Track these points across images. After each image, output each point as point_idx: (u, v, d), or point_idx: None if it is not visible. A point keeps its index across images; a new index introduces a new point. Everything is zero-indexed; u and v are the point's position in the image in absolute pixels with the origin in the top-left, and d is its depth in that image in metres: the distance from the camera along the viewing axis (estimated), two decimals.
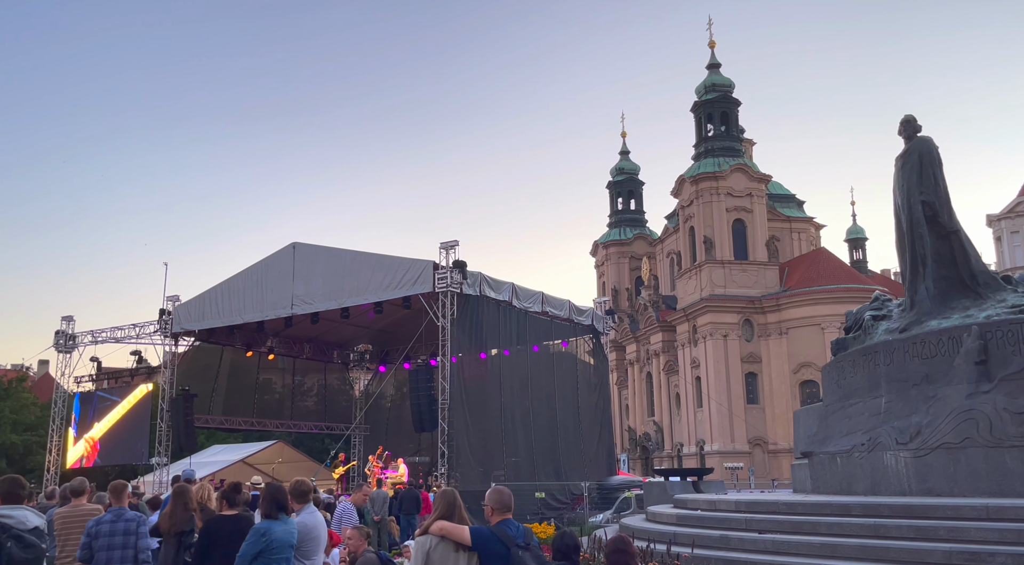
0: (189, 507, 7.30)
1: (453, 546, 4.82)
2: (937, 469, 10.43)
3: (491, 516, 5.05)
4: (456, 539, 4.81)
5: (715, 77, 62.38)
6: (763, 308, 56.16)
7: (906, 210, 12.43)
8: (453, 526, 4.86)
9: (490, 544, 4.81)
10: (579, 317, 28.31)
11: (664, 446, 62.86)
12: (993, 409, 9.88)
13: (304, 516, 6.22)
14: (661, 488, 18.32)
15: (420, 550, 4.89)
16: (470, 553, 4.82)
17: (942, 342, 10.93)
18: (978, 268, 12.21)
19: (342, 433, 29.92)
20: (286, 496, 5.83)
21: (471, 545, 4.81)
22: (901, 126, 12.73)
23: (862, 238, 68.83)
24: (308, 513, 6.30)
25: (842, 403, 12.66)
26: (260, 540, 5.48)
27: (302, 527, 6.07)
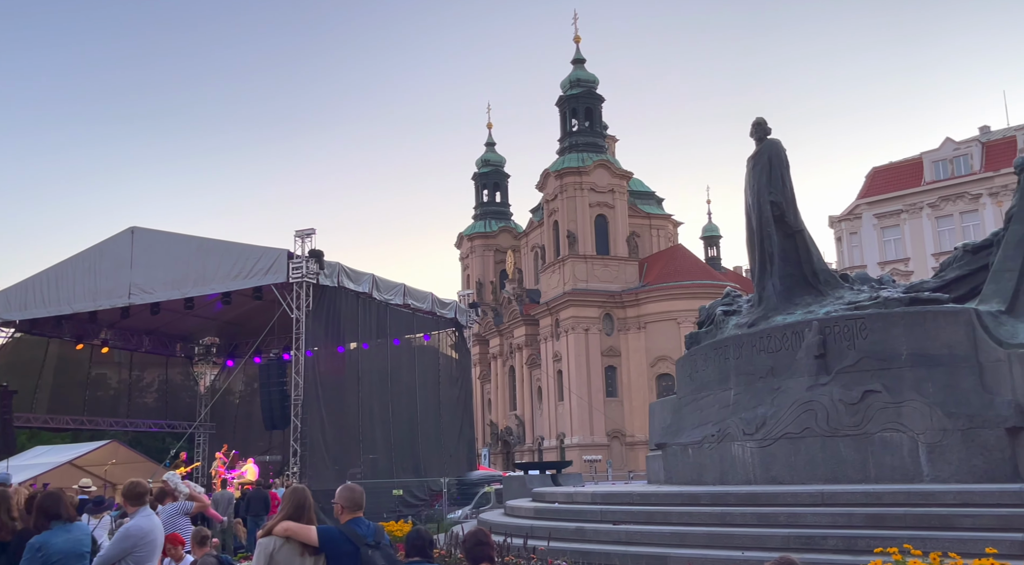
0: (12, 515, 6.67)
1: (299, 548, 4.67)
2: (780, 458, 11.15)
3: (341, 515, 4.93)
4: (302, 540, 4.66)
5: (580, 72, 63.88)
6: (623, 303, 58.18)
7: (756, 209, 13.19)
8: (299, 526, 4.70)
9: (338, 544, 4.69)
10: (442, 310, 28.27)
11: (525, 440, 64.00)
12: (830, 400, 10.67)
13: (139, 519, 5.87)
14: (520, 482, 18.61)
15: (263, 552, 4.70)
16: (317, 555, 4.69)
17: (786, 337, 11.68)
18: (820, 266, 13.14)
19: (185, 431, 28.51)
20: (59, 503, 5.38)
21: (318, 546, 4.67)
22: (752, 128, 13.49)
23: (716, 236, 72.63)
24: (143, 516, 5.94)
25: (695, 395, 13.30)
26: (36, 556, 5.08)
27: (136, 530, 5.71)
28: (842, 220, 48.19)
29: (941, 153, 45.45)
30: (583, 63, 64.43)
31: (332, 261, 22.74)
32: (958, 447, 9.55)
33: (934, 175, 45.29)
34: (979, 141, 45.00)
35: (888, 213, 46.26)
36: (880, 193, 46.80)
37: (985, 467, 9.35)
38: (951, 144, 45.41)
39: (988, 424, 9.42)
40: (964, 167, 44.42)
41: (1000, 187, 40.78)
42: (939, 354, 10.01)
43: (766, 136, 13.32)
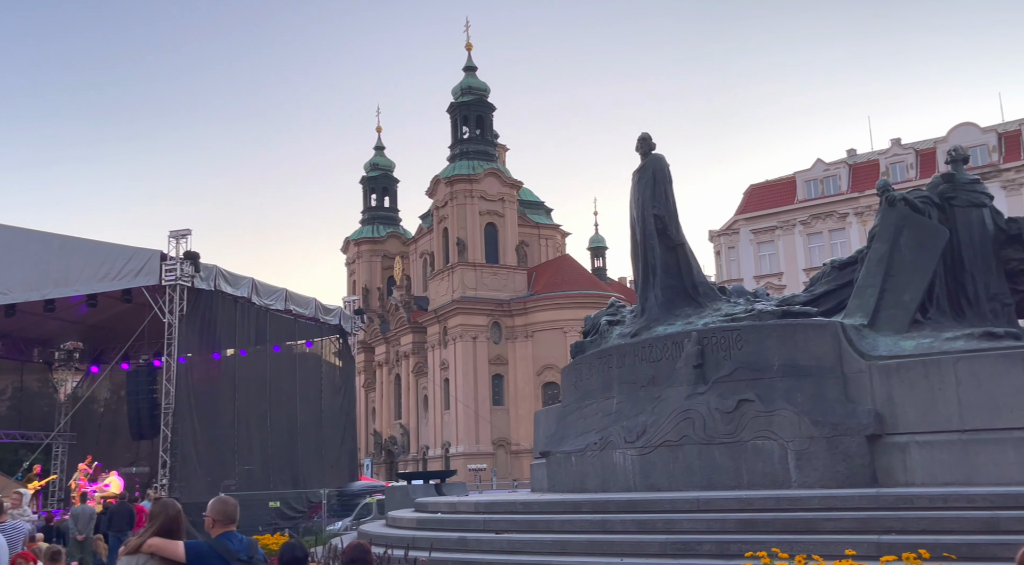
0: None
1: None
2: (659, 465, 11.48)
3: (212, 528, 4.73)
4: (168, 556, 4.44)
5: (471, 80, 64.18)
6: (511, 311, 58.68)
7: (640, 222, 13.60)
8: (165, 542, 4.47)
9: (207, 560, 4.49)
10: (326, 316, 27.68)
11: (410, 449, 63.43)
12: (707, 409, 11.08)
13: None
14: (403, 492, 18.42)
15: None
16: None
17: (667, 347, 12.07)
18: (700, 279, 13.66)
19: (41, 442, 26.71)
20: None
21: (185, 562, 4.47)
22: (638, 143, 13.90)
23: (603, 247, 74.38)
24: None
25: (579, 404, 13.53)
26: None
27: None
28: (721, 235, 50.29)
29: (812, 173, 48.16)
30: (475, 71, 64.77)
31: (209, 264, 21.89)
32: (823, 454, 10.10)
33: (806, 194, 47.93)
34: (847, 163, 47.97)
35: (764, 229, 48.58)
36: (757, 210, 49.11)
37: (847, 473, 9.93)
38: (822, 165, 48.21)
39: (850, 432, 10.01)
40: (833, 187, 47.23)
41: (865, 207, 43.59)
42: (808, 365, 10.58)
43: (651, 151, 13.75)
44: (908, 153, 45.36)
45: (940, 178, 11.91)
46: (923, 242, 11.21)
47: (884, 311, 10.95)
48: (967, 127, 43.01)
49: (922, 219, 11.33)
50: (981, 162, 40.59)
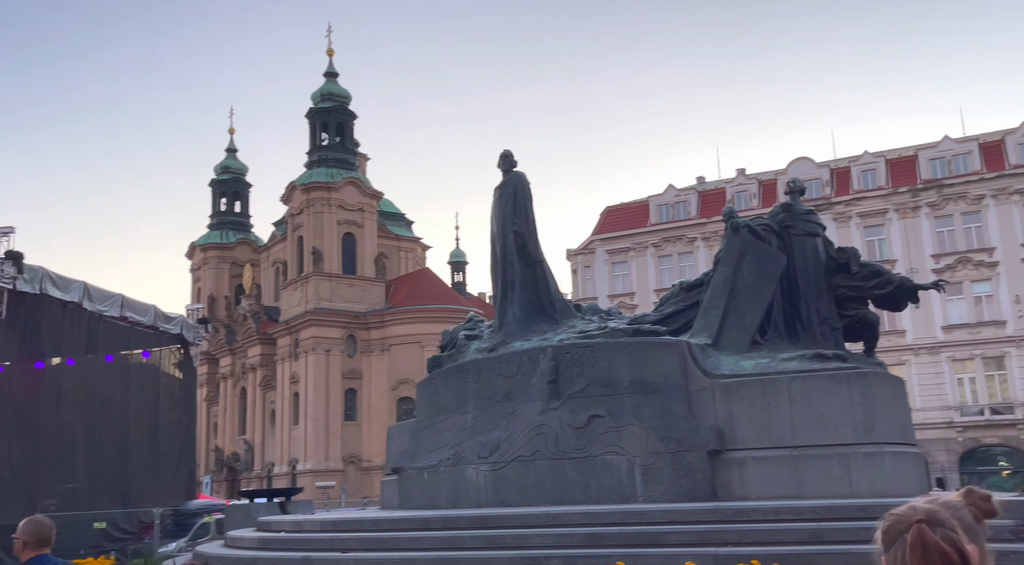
0: None
1: None
2: (511, 481, 11.59)
3: (22, 552, 4.34)
4: None
5: (332, 86, 63.09)
6: (368, 324, 57.78)
7: (500, 238, 13.77)
8: None
9: None
10: (166, 325, 26.21)
11: (254, 466, 61.01)
12: (559, 424, 11.30)
13: None
14: (245, 511, 17.64)
15: None
16: None
17: (523, 362, 12.24)
18: (556, 296, 13.97)
19: None
20: None
21: None
22: (500, 160, 14.09)
23: (463, 261, 74.77)
24: None
25: (433, 419, 13.46)
26: None
27: None
28: (578, 254, 51.71)
29: (665, 198, 50.45)
30: (336, 77, 63.71)
31: (35, 265, 20.27)
32: (668, 469, 10.51)
33: (658, 218, 50.12)
34: (696, 190, 50.59)
35: (618, 250, 50.35)
36: (612, 231, 50.87)
37: (689, 487, 10.38)
38: (673, 191, 50.58)
39: (693, 447, 10.48)
40: (683, 212, 49.64)
41: (712, 232, 46.05)
42: (656, 382, 11.01)
43: (512, 168, 13.97)
44: (752, 183, 48.36)
45: (780, 207, 12.75)
46: (763, 267, 11.94)
47: (727, 332, 11.57)
48: (804, 161, 46.39)
49: (763, 245, 12.08)
50: (815, 195, 43.83)
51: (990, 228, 41.11)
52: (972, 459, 40.21)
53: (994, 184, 41.20)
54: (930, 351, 41.04)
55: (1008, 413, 39.22)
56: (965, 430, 40.04)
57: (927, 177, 43.13)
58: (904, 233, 42.90)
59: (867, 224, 43.93)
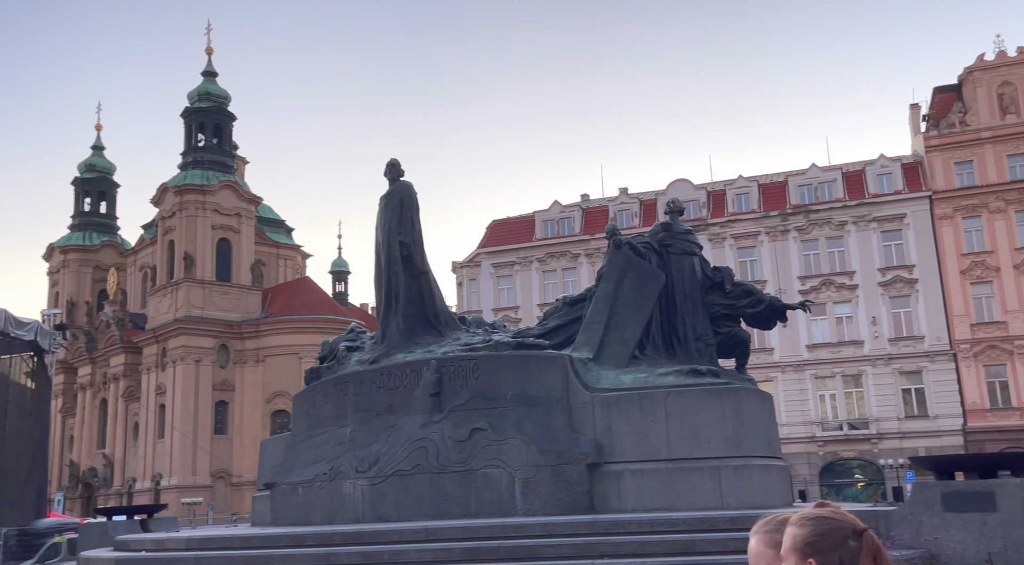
0: None
1: None
2: (390, 496, 11.44)
3: None
4: None
5: (210, 85, 61.00)
6: (242, 334, 55.88)
7: (385, 248, 13.64)
8: None
9: None
10: (18, 331, 24.54)
11: (113, 482, 57.71)
12: (441, 438, 11.27)
13: None
14: (102, 529, 16.63)
15: None
16: None
17: (406, 375, 12.14)
18: (441, 308, 13.95)
19: None
20: None
21: None
22: (387, 168, 13.99)
23: (345, 271, 73.53)
24: None
25: (310, 432, 13.15)
26: None
27: None
28: (464, 267, 51.83)
29: (550, 214, 51.31)
30: (215, 77, 61.66)
31: None
32: (548, 482, 10.65)
33: (544, 233, 50.90)
34: (581, 207, 51.72)
35: (504, 264, 50.81)
36: (498, 245, 51.30)
37: (568, 500, 10.54)
38: (558, 207, 51.52)
39: (573, 460, 10.66)
40: (568, 228, 50.63)
41: (595, 249, 47.14)
42: (538, 395, 11.15)
43: (399, 177, 13.89)
44: (633, 202, 49.87)
45: (660, 227, 13.21)
46: (644, 284, 12.33)
47: (608, 346, 11.87)
48: (682, 183, 48.24)
49: (644, 263, 12.47)
50: (693, 216, 45.63)
51: (851, 253, 43.90)
52: (831, 472, 42.67)
53: (855, 211, 44.07)
54: (796, 368, 43.36)
55: (864, 428, 41.87)
56: (825, 444, 42.46)
57: (796, 202, 45.68)
58: (774, 255, 45.23)
59: (740, 245, 46.07)
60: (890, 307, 42.84)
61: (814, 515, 2.03)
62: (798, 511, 2.11)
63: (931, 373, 41.56)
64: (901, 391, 42.01)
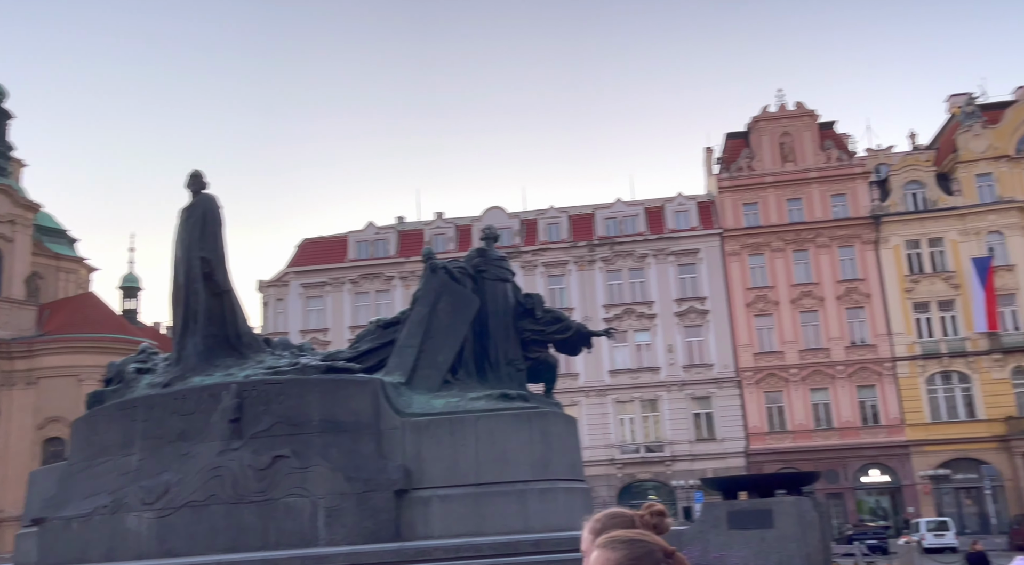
0: None
1: None
2: (180, 529, 10.71)
3: None
4: None
5: None
6: (11, 353, 50.65)
7: (184, 264, 12.88)
8: None
9: None
10: None
11: None
12: (239, 466, 10.71)
13: None
14: None
15: None
16: None
17: (202, 399, 11.46)
18: (244, 329, 13.32)
19: None
20: None
21: None
22: (189, 180, 13.25)
23: (137, 287, 68.60)
24: None
25: (90, 462, 12.08)
26: None
27: None
28: (271, 286, 50.01)
29: (364, 235, 50.74)
30: None
31: None
32: (353, 510, 10.40)
33: (357, 254, 50.21)
34: (396, 229, 51.57)
35: (314, 284, 49.54)
36: (309, 264, 49.99)
37: (374, 528, 10.35)
38: (373, 228, 51.08)
39: (380, 487, 10.49)
40: (382, 250, 50.26)
41: (409, 272, 47.08)
42: (347, 421, 10.90)
43: (202, 189, 13.21)
44: (449, 227, 50.40)
45: (475, 252, 13.42)
46: (458, 309, 12.44)
47: (420, 370, 11.84)
48: (497, 211, 49.39)
49: (458, 287, 12.60)
50: (507, 242, 46.77)
51: (651, 284, 46.71)
52: (628, 493, 44.82)
53: (655, 245, 47.00)
54: (598, 393, 45.33)
55: (659, 451, 44.42)
56: (624, 467, 44.60)
57: (602, 234, 48.05)
58: (581, 283, 47.24)
59: (550, 273, 47.73)
60: (684, 336, 45.90)
61: (627, 538, 2.10)
62: (612, 533, 2.18)
63: (719, 399, 44.86)
64: (693, 415, 45.00)
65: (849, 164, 47.09)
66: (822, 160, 47.04)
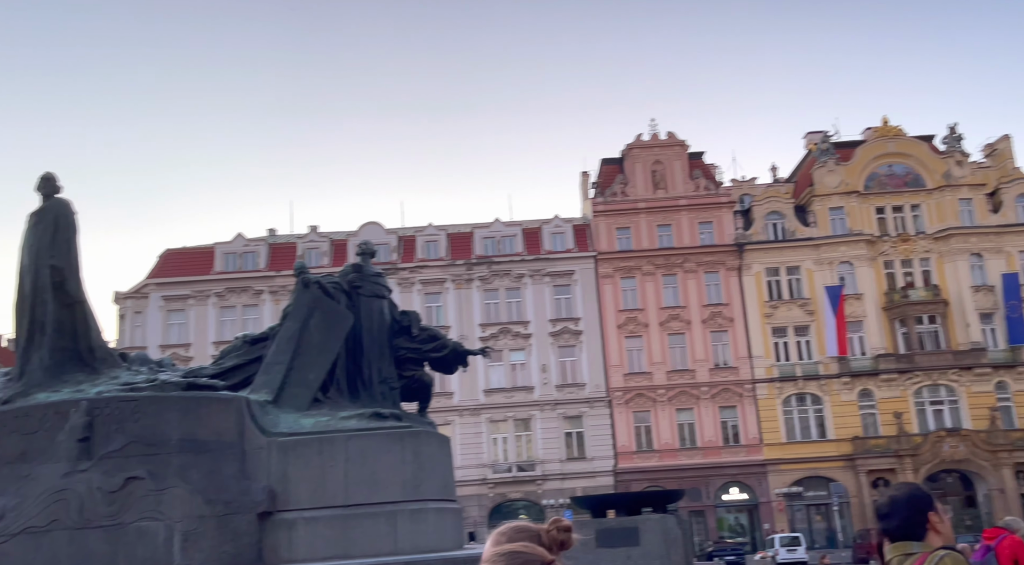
0: None
1: None
2: (16, 557, 9.92)
3: None
4: None
5: None
6: None
7: (32, 272, 12.01)
8: None
9: None
10: None
11: None
12: (87, 488, 10.04)
13: None
14: None
15: None
16: None
17: (48, 417, 10.68)
18: (98, 343, 12.53)
19: None
20: None
21: None
22: (40, 183, 12.39)
23: None
24: None
25: None
26: None
27: None
28: (128, 298, 47.48)
29: (233, 247, 49.02)
30: None
31: None
32: (213, 534, 9.93)
33: (224, 266, 48.41)
34: (267, 242, 50.09)
35: (176, 297, 47.40)
36: (171, 276, 47.80)
37: (234, 552, 9.90)
38: (242, 240, 49.43)
39: (243, 510, 10.06)
40: (252, 263, 48.67)
41: (280, 286, 45.80)
42: (209, 440, 10.41)
43: (55, 193, 12.39)
44: (324, 241, 49.40)
45: (351, 267, 13.17)
46: (331, 325, 12.15)
47: (289, 388, 11.47)
48: (374, 226, 48.85)
49: (332, 303, 12.32)
50: (384, 259, 46.31)
51: (527, 304, 47.31)
52: (499, 513, 44.97)
53: (532, 265, 47.69)
54: (472, 412, 45.40)
55: (531, 470, 44.86)
56: (496, 486, 44.76)
57: (480, 253, 48.33)
58: (458, 302, 47.31)
59: (427, 291, 47.56)
60: (558, 356, 46.69)
61: (506, 551, 2.14)
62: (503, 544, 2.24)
63: (590, 418, 45.82)
64: (564, 434, 45.74)
65: (716, 194, 49.39)
66: (691, 189, 49.12)
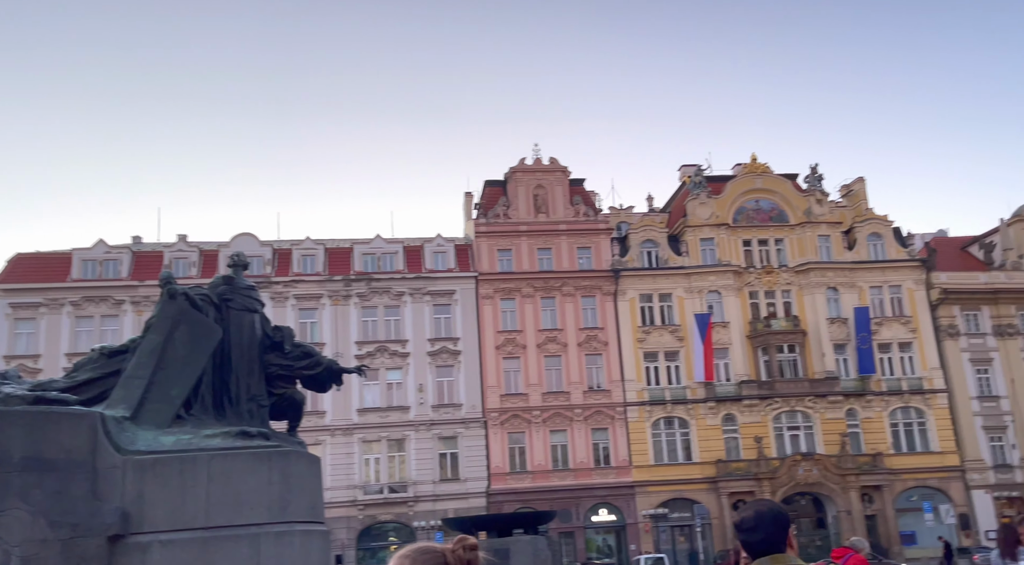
0: None
1: None
2: None
3: None
4: None
5: None
6: None
7: None
8: None
9: None
10: None
11: None
12: None
13: None
14: None
15: None
16: None
17: None
18: None
19: None
20: None
21: None
22: None
23: None
24: None
25: None
26: None
27: None
28: None
29: (92, 253, 46.40)
30: None
31: None
32: (56, 559, 9.30)
33: (82, 274, 45.74)
34: (131, 250, 47.68)
35: (26, 304, 44.44)
36: (21, 281, 44.78)
37: None
38: (104, 246, 46.87)
39: (92, 533, 9.48)
40: (113, 271, 46.18)
41: (143, 297, 43.64)
42: (56, 458, 9.77)
43: None
44: (193, 251, 47.46)
45: (221, 279, 12.70)
46: (197, 339, 11.67)
47: (149, 404, 10.92)
48: (248, 237, 47.33)
49: (200, 316, 11.84)
50: (257, 271, 44.92)
51: (406, 322, 46.92)
52: (368, 535, 44.18)
53: (412, 284, 47.39)
54: (345, 432, 44.48)
55: (403, 491, 44.30)
56: (366, 508, 43.93)
57: (359, 269, 47.64)
58: (335, 318, 46.41)
59: (303, 306, 46.43)
60: (436, 376, 46.47)
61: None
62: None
63: (465, 439, 45.75)
64: (439, 455, 45.46)
65: (595, 220, 50.67)
66: (571, 214, 50.20)
